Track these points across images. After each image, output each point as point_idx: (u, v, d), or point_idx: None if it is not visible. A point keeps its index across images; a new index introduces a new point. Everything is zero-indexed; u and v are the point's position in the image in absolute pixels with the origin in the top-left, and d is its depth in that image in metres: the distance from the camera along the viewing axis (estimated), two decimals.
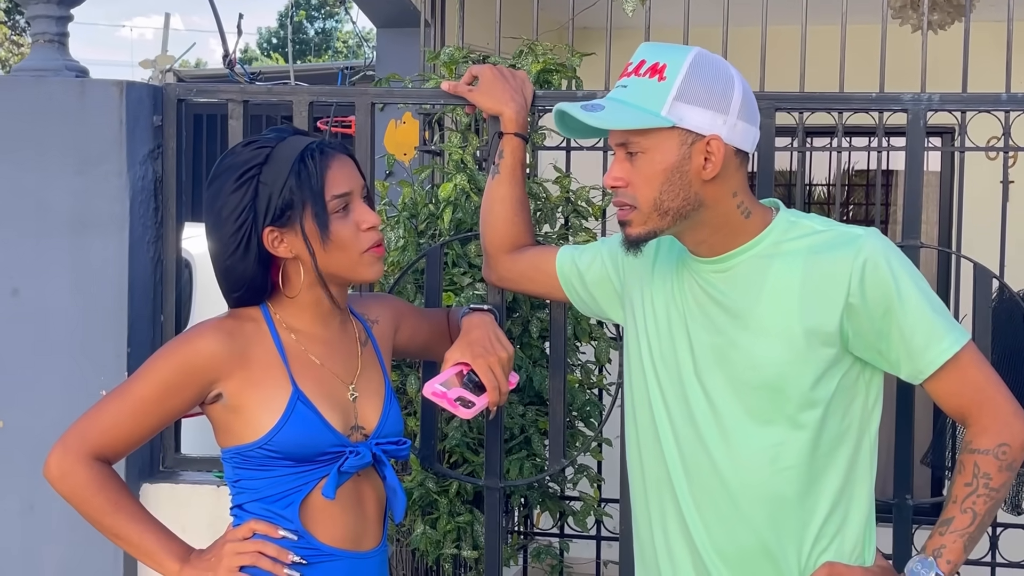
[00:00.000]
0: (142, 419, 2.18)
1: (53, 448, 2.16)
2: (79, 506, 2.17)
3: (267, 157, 2.20)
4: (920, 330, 2.01)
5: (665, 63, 2.03)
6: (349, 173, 2.24)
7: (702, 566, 2.11)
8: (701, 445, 2.10)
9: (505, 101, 2.61)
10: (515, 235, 2.56)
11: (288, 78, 8.24)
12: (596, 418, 3.50)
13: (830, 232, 2.08)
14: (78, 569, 2.89)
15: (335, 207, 2.20)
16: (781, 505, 2.06)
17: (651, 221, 2.06)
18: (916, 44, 3.97)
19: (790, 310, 2.03)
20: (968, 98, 2.78)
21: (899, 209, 7.18)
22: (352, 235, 2.21)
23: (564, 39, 3.87)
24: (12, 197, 2.89)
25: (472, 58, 3.67)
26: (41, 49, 3.03)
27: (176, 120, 2.96)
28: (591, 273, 2.41)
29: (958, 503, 2.04)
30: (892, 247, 2.06)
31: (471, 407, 2.31)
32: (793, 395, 2.04)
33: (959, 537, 2.03)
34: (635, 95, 2.04)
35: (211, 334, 2.19)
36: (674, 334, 2.14)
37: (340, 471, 2.18)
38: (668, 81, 2.01)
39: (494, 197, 2.57)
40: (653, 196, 2.04)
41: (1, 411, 2.90)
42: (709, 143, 2.02)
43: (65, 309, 2.89)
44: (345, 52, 29.95)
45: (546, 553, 3.66)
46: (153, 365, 2.19)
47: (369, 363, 2.33)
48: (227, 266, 2.23)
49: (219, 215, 2.21)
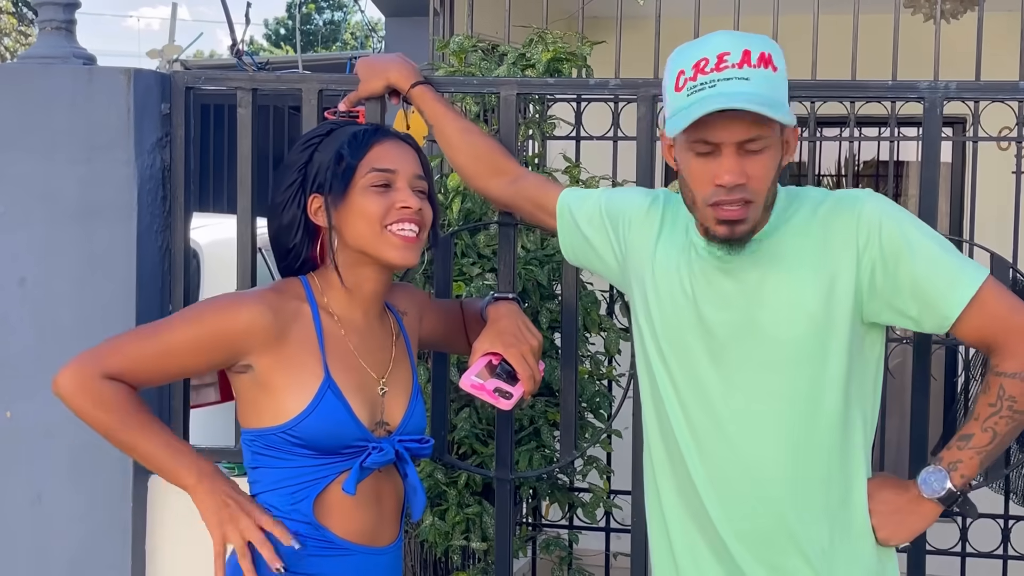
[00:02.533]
0: (163, 364, 2.14)
1: (67, 364, 2.10)
2: (93, 419, 2.10)
3: (330, 131, 2.25)
4: (938, 275, 2.01)
5: (769, 52, 1.99)
6: (400, 154, 2.23)
7: (723, 549, 2.10)
8: (717, 426, 2.09)
9: (382, 70, 2.64)
10: (485, 162, 2.56)
11: (296, 68, 8.22)
12: (606, 409, 3.49)
13: (830, 199, 2.09)
14: (87, 558, 2.88)
15: (373, 180, 2.19)
16: (799, 480, 2.06)
17: (758, 216, 2.03)
18: (927, 34, 3.95)
19: (805, 283, 2.04)
20: (985, 86, 2.76)
21: (911, 199, 7.16)
22: (378, 209, 2.18)
23: (574, 28, 3.85)
24: (19, 185, 2.88)
25: (481, 47, 3.66)
26: (48, 37, 3.01)
27: (184, 108, 2.94)
28: (591, 229, 2.38)
29: (980, 421, 2.05)
30: (892, 203, 2.07)
31: (509, 398, 2.29)
32: (813, 372, 2.04)
33: (976, 454, 2.05)
34: (767, 87, 1.97)
35: (256, 305, 2.15)
36: (681, 316, 2.13)
37: (362, 467, 2.15)
38: (780, 71, 2.00)
39: (445, 145, 2.59)
40: (767, 189, 2.02)
41: (8, 401, 2.89)
42: (791, 132, 2.04)
43: (72, 298, 2.87)
44: (354, 44, 29.94)
45: (555, 545, 3.65)
46: (191, 318, 2.17)
47: (400, 358, 2.31)
48: (276, 231, 2.26)
49: (280, 179, 2.25)
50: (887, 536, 2.11)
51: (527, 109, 3.69)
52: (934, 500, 2.08)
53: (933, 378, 2.70)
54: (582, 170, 3.60)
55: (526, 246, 3.35)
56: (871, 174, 7.44)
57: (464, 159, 2.57)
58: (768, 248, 2.07)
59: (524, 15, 4.02)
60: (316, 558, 2.16)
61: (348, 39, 32.08)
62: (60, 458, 2.86)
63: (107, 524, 2.88)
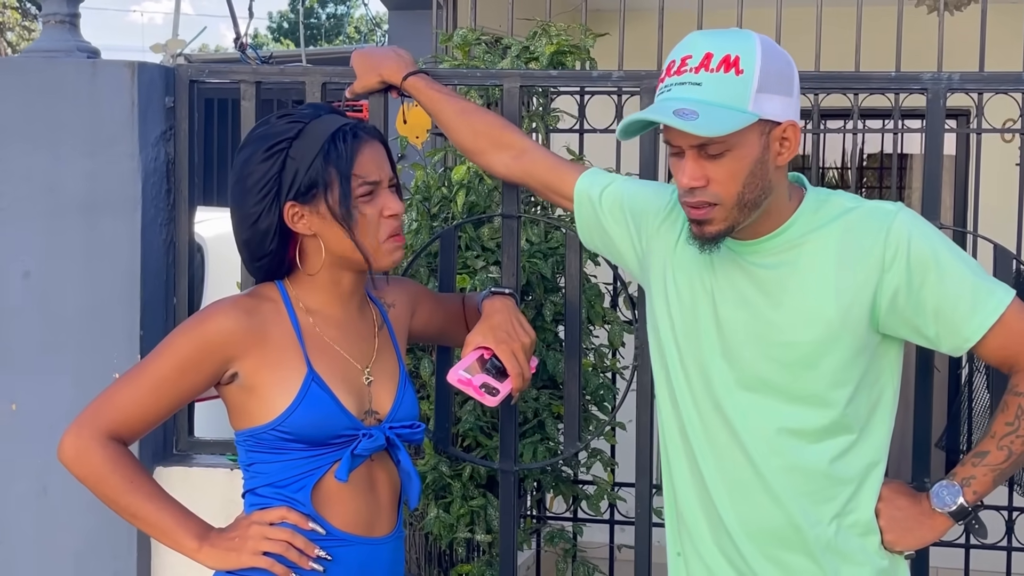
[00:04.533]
0: (158, 397, 2.16)
1: (67, 430, 2.14)
2: (94, 487, 2.15)
3: (299, 132, 2.18)
4: (962, 298, 2.00)
5: (737, 54, 1.95)
6: (380, 161, 2.22)
7: (730, 545, 2.10)
8: (725, 424, 2.09)
9: (374, 66, 2.64)
10: (486, 138, 2.54)
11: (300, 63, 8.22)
12: (610, 402, 3.49)
13: (861, 209, 2.06)
14: (93, 551, 2.89)
15: (361, 192, 2.18)
16: (809, 481, 2.06)
17: (731, 216, 2.01)
18: (930, 26, 3.94)
19: (825, 289, 2.02)
20: (988, 77, 2.76)
21: (914, 192, 7.15)
22: (375, 221, 2.19)
23: (577, 20, 3.85)
24: (23, 179, 2.88)
25: (485, 39, 3.65)
26: (52, 30, 3.02)
27: (188, 101, 2.94)
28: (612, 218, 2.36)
29: (996, 439, 2.05)
30: (923, 220, 2.06)
31: (496, 394, 2.29)
32: (825, 373, 2.03)
33: (990, 471, 2.05)
34: (718, 93, 1.94)
35: (229, 312, 2.17)
36: (698, 312, 2.13)
37: (353, 454, 2.16)
38: (747, 74, 1.94)
39: (446, 129, 2.59)
40: (737, 191, 1.98)
41: (13, 394, 2.90)
42: (786, 129, 1.99)
43: (77, 292, 2.88)
44: (357, 38, 29.91)
45: (559, 537, 3.65)
46: (170, 343, 2.18)
47: (385, 347, 2.32)
48: (247, 237, 2.21)
49: (244, 184, 2.19)
50: (893, 540, 2.10)
51: (531, 102, 3.69)
52: (945, 514, 2.08)
53: (937, 369, 2.70)
54: (586, 163, 3.59)
55: (530, 239, 3.35)
56: (875, 167, 7.43)
57: (464, 137, 2.55)
58: (792, 250, 2.06)
59: (527, 8, 4.02)
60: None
61: (352, 33, 32.05)
62: None
63: (113, 516, 2.87)
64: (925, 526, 2.10)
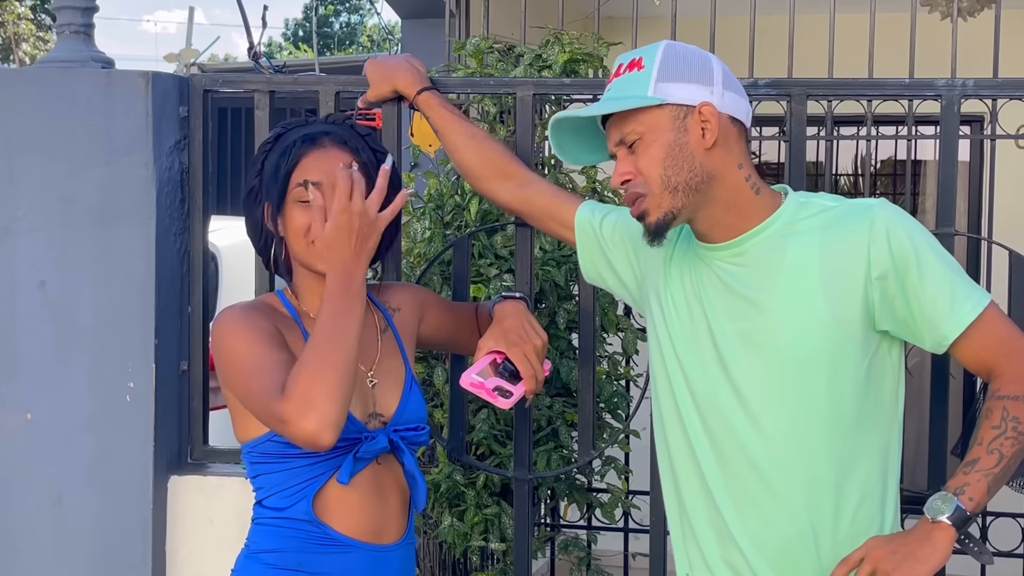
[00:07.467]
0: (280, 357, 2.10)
1: (293, 418, 1.98)
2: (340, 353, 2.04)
3: (276, 139, 2.28)
4: (942, 294, 2.00)
5: (640, 56, 2.10)
6: (329, 163, 2.20)
7: (738, 555, 2.09)
8: (731, 434, 2.08)
9: (389, 75, 2.65)
10: (493, 165, 2.56)
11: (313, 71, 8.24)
12: (624, 410, 3.49)
13: (841, 207, 2.08)
14: (107, 560, 2.89)
15: (299, 195, 2.20)
16: (817, 488, 2.04)
17: (664, 201, 2.06)
18: (944, 32, 3.94)
19: (812, 290, 2.02)
20: (1002, 83, 2.75)
21: (928, 198, 7.14)
22: (301, 225, 2.19)
23: (590, 28, 3.85)
24: (39, 188, 2.89)
25: (497, 48, 3.66)
26: (67, 41, 3.03)
27: (202, 111, 2.95)
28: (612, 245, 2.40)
29: (984, 444, 1.99)
30: (904, 214, 2.06)
31: (509, 397, 2.29)
32: (825, 376, 2.02)
33: (983, 476, 1.98)
34: (620, 90, 2.10)
35: (249, 312, 2.20)
36: (695, 324, 2.13)
37: (356, 457, 2.16)
38: (647, 68, 2.08)
39: (451, 150, 2.60)
40: (659, 174, 2.05)
41: (28, 404, 2.90)
42: (701, 111, 2.06)
43: (91, 301, 2.88)
44: (370, 46, 29.98)
45: (574, 545, 3.65)
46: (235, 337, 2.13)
47: (389, 350, 2.32)
48: (249, 237, 2.33)
49: (245, 186, 2.31)
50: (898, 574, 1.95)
51: (544, 110, 3.70)
52: (945, 522, 1.96)
53: (952, 377, 2.69)
54: (598, 170, 3.60)
55: (543, 247, 3.35)
56: (888, 173, 7.41)
57: (471, 161, 2.57)
58: (774, 252, 2.06)
59: (540, 16, 4.03)
60: (318, 556, 2.17)
61: (365, 41, 32.12)
62: (80, 459, 2.88)
63: (127, 525, 2.89)
64: (926, 547, 1.96)
